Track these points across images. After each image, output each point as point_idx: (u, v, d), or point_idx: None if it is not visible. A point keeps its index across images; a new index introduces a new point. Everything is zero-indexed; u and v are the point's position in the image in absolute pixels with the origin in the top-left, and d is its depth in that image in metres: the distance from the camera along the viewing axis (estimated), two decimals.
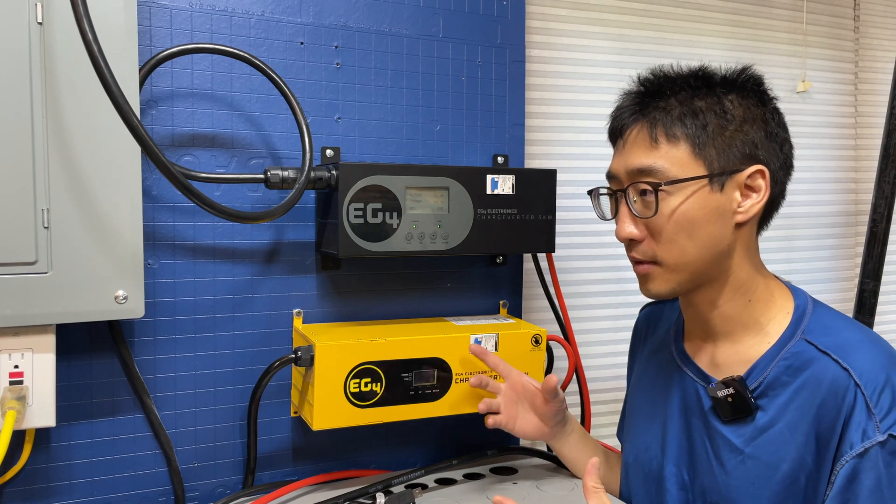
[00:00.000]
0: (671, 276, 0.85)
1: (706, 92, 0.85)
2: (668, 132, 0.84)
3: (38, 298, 0.87)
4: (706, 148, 0.83)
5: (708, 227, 0.83)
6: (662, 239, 0.84)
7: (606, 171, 0.91)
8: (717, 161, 0.83)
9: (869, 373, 0.78)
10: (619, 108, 0.90)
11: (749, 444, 0.84)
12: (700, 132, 0.83)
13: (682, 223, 0.83)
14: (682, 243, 0.84)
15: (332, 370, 1.03)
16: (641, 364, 1.04)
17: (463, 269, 1.27)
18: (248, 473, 1.12)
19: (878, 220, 1.60)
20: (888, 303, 1.83)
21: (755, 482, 0.83)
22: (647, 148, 0.85)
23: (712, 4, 1.60)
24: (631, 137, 0.87)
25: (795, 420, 0.81)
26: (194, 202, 0.89)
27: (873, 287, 1.62)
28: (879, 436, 0.75)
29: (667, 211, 0.83)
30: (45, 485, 1.02)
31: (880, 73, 1.81)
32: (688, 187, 0.83)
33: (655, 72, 0.89)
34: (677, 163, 0.83)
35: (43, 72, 0.86)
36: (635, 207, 0.85)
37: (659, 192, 0.83)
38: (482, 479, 1.16)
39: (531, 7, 1.40)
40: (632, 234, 0.86)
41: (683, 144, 0.83)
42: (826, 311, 0.87)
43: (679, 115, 0.84)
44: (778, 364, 0.84)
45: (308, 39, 1.14)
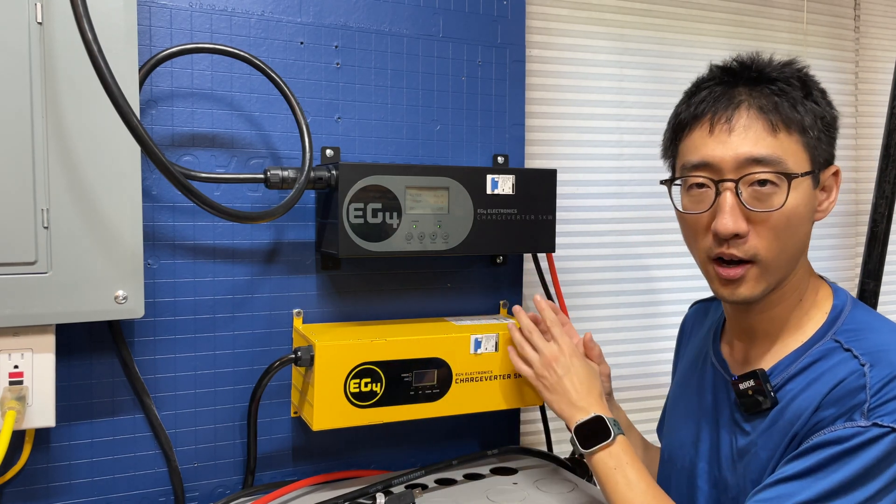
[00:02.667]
0: (765, 278, 0.82)
1: (803, 86, 0.82)
2: (787, 119, 0.79)
3: (38, 298, 0.87)
4: (814, 141, 0.81)
5: (806, 224, 0.82)
6: (772, 235, 0.80)
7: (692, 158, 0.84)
8: (821, 156, 0.81)
9: (883, 368, 0.76)
10: (709, 93, 0.83)
11: (761, 436, 0.84)
12: (813, 123, 0.80)
13: (793, 219, 0.80)
14: (785, 240, 0.80)
15: (332, 370, 1.03)
16: (684, 361, 1.05)
17: (463, 269, 1.27)
18: (248, 473, 1.12)
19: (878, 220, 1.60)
20: (888, 303, 1.83)
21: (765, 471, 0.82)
22: (764, 136, 0.79)
23: (713, 4, 1.60)
24: (741, 123, 0.80)
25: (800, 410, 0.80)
26: (194, 202, 0.89)
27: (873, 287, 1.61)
28: (863, 421, 0.74)
29: (772, 205, 0.79)
30: (45, 485, 1.02)
31: (880, 73, 1.81)
32: (803, 182, 0.80)
33: (745, 59, 0.84)
34: (793, 154, 0.79)
35: (43, 72, 0.86)
36: (746, 200, 0.79)
37: (792, 184, 0.78)
38: (482, 479, 1.16)
39: (531, 7, 1.40)
40: (740, 228, 0.79)
41: (796, 135, 0.80)
42: (863, 312, 0.85)
43: (793, 104, 0.80)
44: (802, 361, 0.83)
45: (308, 39, 1.14)
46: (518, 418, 1.35)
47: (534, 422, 1.44)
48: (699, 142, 0.83)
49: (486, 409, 1.13)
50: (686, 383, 1.01)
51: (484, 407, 1.13)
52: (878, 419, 0.73)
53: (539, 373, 1.01)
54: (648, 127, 1.53)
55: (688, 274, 1.59)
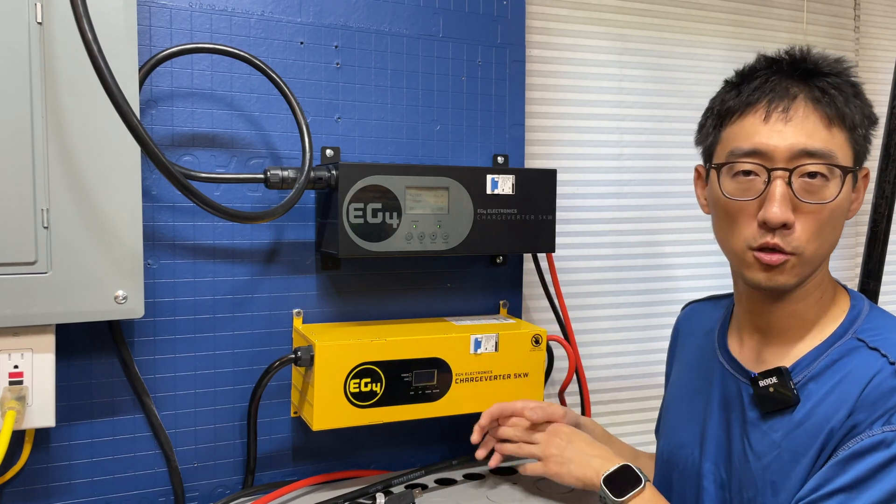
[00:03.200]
0: (801, 270, 0.82)
1: (852, 84, 0.83)
2: (840, 115, 0.80)
3: (37, 298, 0.87)
4: (859, 139, 0.82)
5: (842, 221, 0.83)
6: (815, 228, 0.80)
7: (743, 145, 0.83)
8: (861, 154, 0.83)
9: None
10: (764, 78, 0.83)
11: (786, 437, 0.82)
12: (862, 121, 0.82)
13: (836, 214, 0.81)
14: (827, 235, 0.82)
15: (332, 370, 1.03)
16: (682, 361, 1.04)
17: (463, 269, 1.27)
18: (248, 473, 1.12)
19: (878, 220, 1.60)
20: (888, 303, 1.83)
21: (791, 475, 0.81)
22: (820, 129, 0.80)
23: (713, 4, 1.60)
24: (798, 113, 0.80)
25: (831, 412, 0.79)
26: (194, 202, 0.89)
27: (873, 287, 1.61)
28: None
29: (820, 198, 0.79)
30: (45, 485, 1.02)
31: (880, 73, 1.81)
32: (849, 178, 0.81)
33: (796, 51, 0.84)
34: (841, 150, 0.81)
35: (43, 72, 0.86)
36: (797, 190, 0.79)
37: (846, 178, 0.79)
38: (482, 479, 1.16)
39: (531, 7, 1.40)
40: (789, 218, 0.79)
41: (847, 132, 0.81)
42: (882, 313, 0.86)
43: (846, 99, 0.81)
44: (825, 359, 0.82)
45: (308, 39, 1.14)
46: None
47: None
48: (751, 129, 0.82)
49: (486, 409, 1.13)
50: (687, 383, 1.00)
51: (484, 407, 1.13)
52: None
53: (546, 454, 1.00)
54: (648, 127, 1.53)
55: (688, 274, 1.59)
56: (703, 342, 1.00)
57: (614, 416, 1.54)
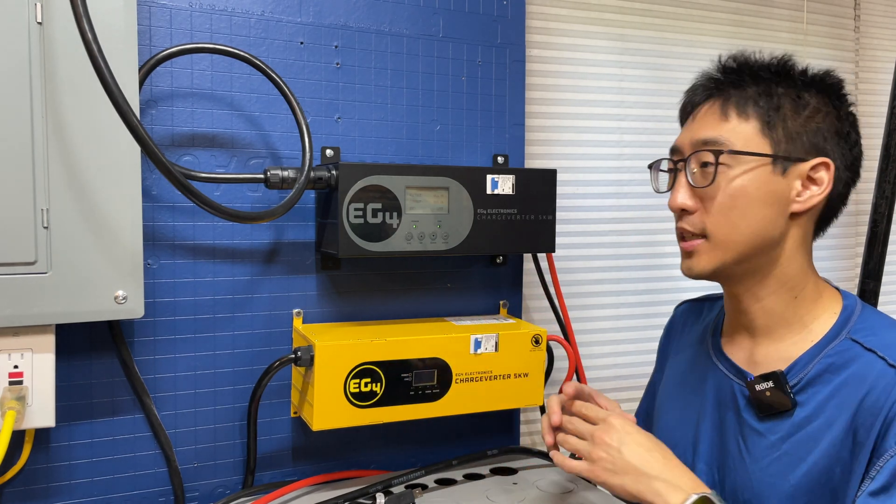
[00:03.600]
0: (716, 254, 0.85)
1: (785, 79, 0.86)
2: (740, 108, 0.84)
3: (37, 298, 0.87)
4: (775, 128, 0.83)
5: (762, 208, 0.83)
6: (716, 210, 0.84)
7: (671, 146, 0.92)
8: (785, 144, 0.83)
9: None
10: (694, 86, 0.92)
11: (786, 440, 0.82)
12: (773, 112, 0.84)
13: (737, 197, 0.83)
14: (734, 218, 0.83)
15: (332, 370, 1.03)
16: (676, 361, 1.04)
17: (463, 269, 1.27)
18: (248, 473, 1.12)
19: (878, 220, 1.60)
20: (888, 303, 1.83)
21: (790, 478, 0.81)
22: (716, 121, 0.86)
23: (713, 4, 1.60)
24: (702, 112, 0.88)
25: (834, 416, 0.79)
26: (194, 202, 0.89)
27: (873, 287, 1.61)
28: None
29: (724, 181, 0.83)
30: (45, 485, 1.02)
31: (880, 73, 1.81)
32: (749, 162, 0.83)
33: (737, 56, 0.89)
34: (744, 138, 0.84)
35: (43, 72, 0.86)
36: (693, 177, 0.86)
37: (719, 161, 0.83)
38: (482, 479, 1.16)
39: (531, 7, 1.40)
40: (685, 203, 0.86)
41: (753, 122, 0.84)
42: (875, 313, 0.86)
43: (754, 94, 0.84)
44: (820, 362, 0.82)
45: (308, 39, 1.14)
46: (518, 418, 1.35)
47: (534, 422, 1.44)
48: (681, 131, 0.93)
49: (486, 409, 1.13)
50: (681, 383, 1.00)
51: (484, 407, 1.13)
52: None
53: (594, 457, 0.82)
54: (648, 127, 1.53)
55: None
56: (697, 342, 1.00)
57: None
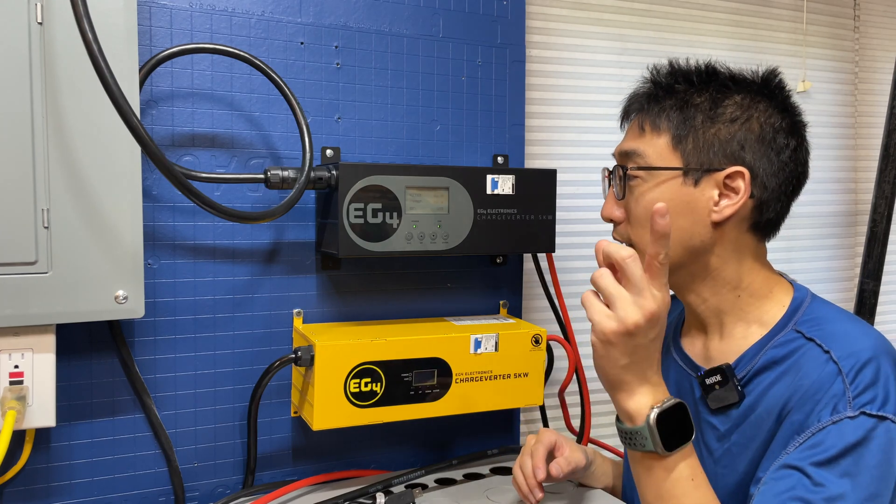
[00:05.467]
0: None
1: (704, 88, 0.87)
2: (653, 122, 0.88)
3: (38, 298, 0.87)
4: (684, 141, 0.85)
5: (677, 219, 0.85)
6: (635, 223, 0.88)
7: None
8: (695, 156, 0.85)
9: (851, 354, 0.77)
10: (630, 97, 0.95)
11: (733, 431, 0.84)
12: (681, 125, 0.86)
13: (649, 209, 0.82)
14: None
15: (332, 370, 1.03)
16: None
17: (463, 269, 1.27)
18: (248, 473, 1.12)
19: (878, 220, 1.60)
20: (888, 303, 1.83)
21: (738, 468, 0.83)
22: (635, 135, 0.90)
23: (713, 4, 1.60)
24: (628, 125, 0.94)
25: (773, 403, 0.81)
26: (194, 202, 0.89)
27: (873, 287, 1.62)
28: (850, 411, 0.73)
29: (636, 195, 0.87)
30: (45, 485, 1.02)
31: (880, 73, 1.81)
32: (658, 176, 0.86)
33: (672, 63, 0.92)
34: (656, 152, 0.87)
35: (43, 72, 0.86)
36: (616, 189, 0.90)
37: (628, 176, 0.88)
38: (482, 479, 1.16)
39: (531, 7, 1.40)
40: (611, 214, 0.91)
41: (665, 135, 0.87)
42: (823, 304, 0.87)
43: (667, 107, 0.87)
44: (766, 353, 0.84)
45: (308, 39, 1.14)
46: (518, 418, 1.35)
47: (534, 422, 1.44)
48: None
49: (486, 408, 1.13)
50: None
51: (484, 407, 1.13)
52: (864, 408, 0.74)
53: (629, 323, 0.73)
54: None
55: None
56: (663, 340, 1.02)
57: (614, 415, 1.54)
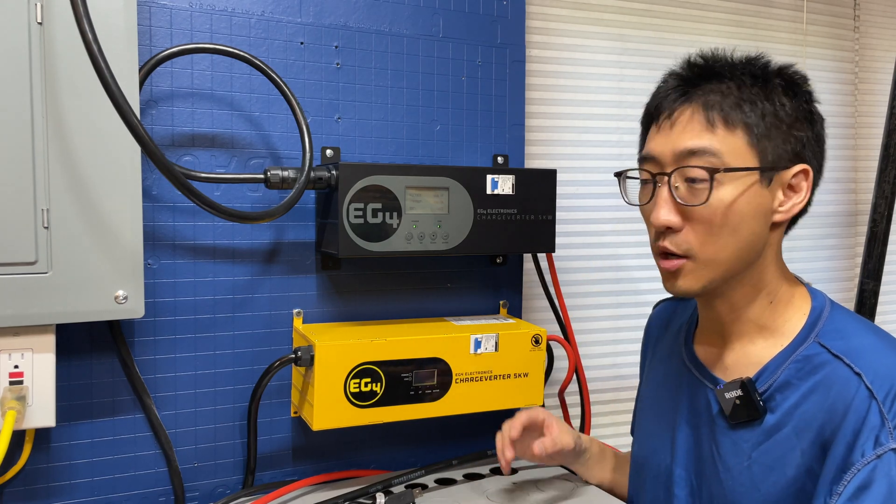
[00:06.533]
0: (703, 273, 0.81)
1: (764, 82, 0.81)
2: (727, 116, 0.79)
3: (38, 298, 0.87)
4: (762, 139, 0.79)
5: (751, 223, 0.80)
6: (705, 230, 0.80)
7: (642, 152, 0.86)
8: (771, 154, 0.80)
9: (883, 377, 0.74)
10: (664, 88, 0.85)
11: (756, 448, 0.81)
12: (759, 121, 0.79)
13: (729, 216, 0.79)
14: (724, 238, 0.80)
15: (332, 370, 1.03)
16: (653, 363, 1.02)
17: (463, 269, 1.27)
18: (248, 473, 1.12)
19: (878, 220, 1.60)
20: (888, 303, 1.83)
21: (761, 487, 0.80)
22: (702, 130, 0.79)
23: (713, 4, 1.60)
24: (683, 118, 0.81)
25: (803, 425, 0.78)
26: (194, 202, 0.89)
27: (873, 287, 1.62)
28: (893, 442, 0.71)
29: (716, 201, 0.78)
30: (45, 485, 1.02)
31: (880, 73, 1.81)
32: (741, 178, 0.79)
33: (706, 55, 0.84)
34: (733, 150, 0.79)
35: (43, 72, 0.86)
36: (679, 194, 0.80)
37: (714, 179, 0.78)
38: (482, 479, 1.16)
39: (531, 7, 1.40)
40: (670, 221, 0.80)
41: (741, 132, 0.79)
42: (843, 314, 0.84)
43: (738, 101, 0.79)
44: (789, 367, 0.81)
45: (308, 39, 1.14)
46: None
47: None
48: (649, 138, 0.85)
49: (486, 409, 1.13)
50: (658, 387, 0.98)
51: (484, 407, 1.13)
52: None
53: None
54: None
55: None
56: (672, 344, 0.98)
57: (614, 415, 1.54)
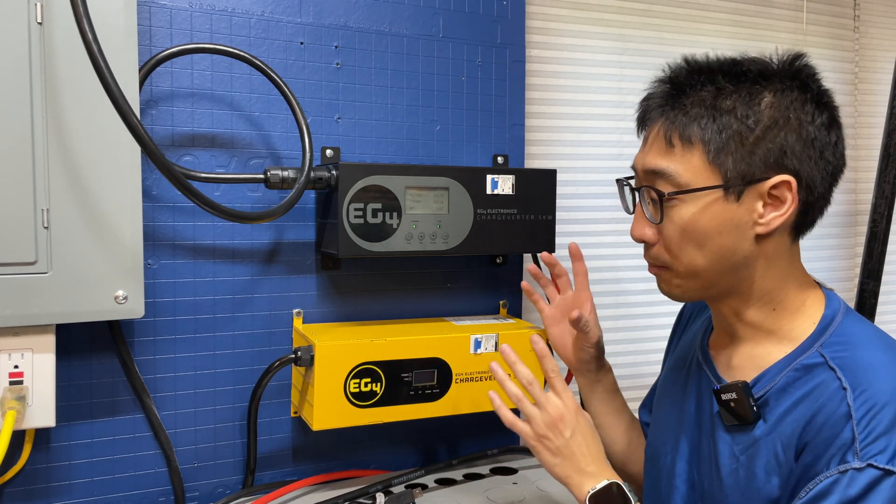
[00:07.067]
0: (682, 283, 0.83)
1: (734, 89, 0.78)
2: (683, 135, 0.78)
3: (38, 298, 0.87)
4: (722, 155, 0.76)
5: (720, 238, 0.79)
6: (669, 246, 0.81)
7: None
8: (735, 169, 0.76)
9: (867, 396, 0.72)
10: (647, 98, 0.85)
11: (744, 452, 0.81)
12: (716, 136, 0.76)
13: (690, 233, 0.79)
14: (690, 253, 0.80)
15: (332, 370, 1.03)
16: (676, 352, 1.03)
17: (463, 269, 1.27)
18: (248, 473, 1.12)
19: (878, 220, 1.60)
20: (888, 303, 1.83)
21: (745, 492, 0.80)
22: (662, 150, 0.80)
23: (713, 4, 1.60)
24: (652, 135, 0.82)
25: (786, 434, 0.77)
26: (194, 202, 0.89)
27: (873, 287, 1.62)
28: (857, 462, 0.70)
29: (675, 220, 0.79)
30: (45, 485, 1.02)
31: (880, 73, 1.81)
32: (699, 197, 0.78)
33: (688, 61, 0.83)
34: (691, 169, 0.78)
35: (43, 72, 0.86)
36: (648, 210, 0.82)
37: (664, 202, 0.79)
38: (482, 479, 1.16)
39: (531, 7, 1.40)
40: (643, 235, 0.83)
41: (698, 149, 0.77)
42: (855, 323, 0.81)
43: (696, 116, 0.77)
44: (787, 374, 0.80)
45: (308, 39, 1.14)
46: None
47: None
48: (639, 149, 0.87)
49: (486, 409, 1.13)
50: (674, 378, 0.99)
51: (484, 407, 1.13)
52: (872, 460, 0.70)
53: (541, 433, 0.89)
54: None
55: None
56: (692, 338, 0.99)
57: None
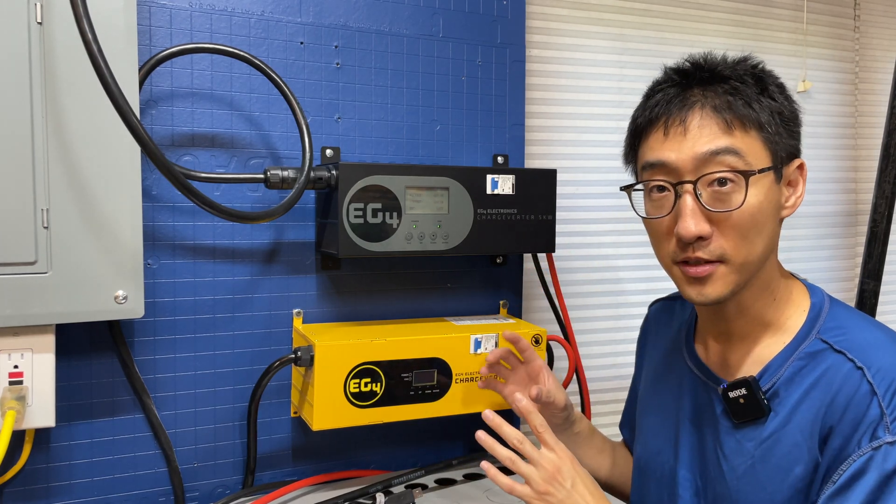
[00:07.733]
0: (734, 277, 0.80)
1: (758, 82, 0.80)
2: (741, 116, 0.77)
3: (38, 298, 0.87)
4: (773, 137, 0.78)
5: (772, 222, 0.80)
6: (737, 235, 0.77)
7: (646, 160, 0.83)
8: (781, 152, 0.79)
9: (885, 372, 0.74)
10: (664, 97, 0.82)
11: (759, 446, 0.81)
12: (770, 119, 0.78)
13: (757, 217, 0.78)
14: (755, 240, 0.79)
15: (332, 370, 1.03)
16: (653, 362, 1.02)
17: (463, 269, 1.27)
18: (248, 473, 1.12)
19: (878, 220, 1.60)
20: (888, 303, 1.83)
21: (767, 487, 0.80)
22: (718, 132, 0.77)
23: (713, 4, 1.60)
24: (695, 122, 0.78)
25: (806, 422, 0.78)
26: (194, 202, 0.89)
27: (873, 287, 1.62)
28: (889, 436, 0.72)
29: (748, 203, 0.77)
30: (45, 485, 1.02)
31: (880, 73, 1.81)
32: (764, 178, 0.78)
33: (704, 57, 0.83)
34: (752, 150, 0.78)
35: (43, 72, 0.86)
36: (705, 200, 0.77)
37: (749, 180, 0.76)
38: (482, 479, 1.16)
39: (531, 7, 1.40)
40: (703, 231, 0.77)
41: (754, 132, 0.78)
42: (843, 309, 0.84)
43: (747, 100, 0.78)
44: (792, 364, 0.81)
45: (308, 39, 1.14)
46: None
47: None
48: (656, 145, 0.82)
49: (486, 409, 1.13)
50: (658, 387, 0.98)
51: (484, 407, 1.13)
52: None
53: (541, 490, 0.84)
54: None
55: None
56: (671, 345, 0.98)
57: (614, 416, 1.54)
